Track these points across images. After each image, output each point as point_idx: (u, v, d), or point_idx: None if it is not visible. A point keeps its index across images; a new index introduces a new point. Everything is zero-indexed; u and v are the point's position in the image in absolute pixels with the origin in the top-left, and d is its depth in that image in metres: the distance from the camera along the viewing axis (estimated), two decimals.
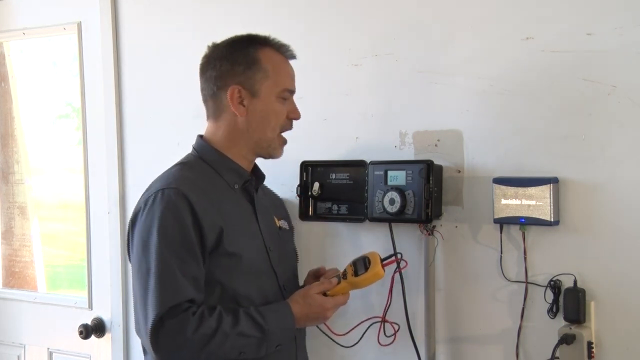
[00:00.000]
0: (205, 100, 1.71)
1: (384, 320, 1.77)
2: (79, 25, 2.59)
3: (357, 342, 1.94)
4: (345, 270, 1.70)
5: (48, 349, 2.72)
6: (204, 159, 1.66)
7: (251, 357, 1.54)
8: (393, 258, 1.72)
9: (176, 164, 1.67)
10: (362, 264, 1.68)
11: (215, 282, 1.55)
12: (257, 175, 1.76)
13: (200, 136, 1.72)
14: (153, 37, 2.47)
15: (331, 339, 1.94)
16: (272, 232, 1.72)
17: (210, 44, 1.71)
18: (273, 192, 1.99)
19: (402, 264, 1.76)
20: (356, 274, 1.65)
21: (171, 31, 2.42)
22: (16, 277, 2.93)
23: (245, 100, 1.62)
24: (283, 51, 1.70)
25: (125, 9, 2.51)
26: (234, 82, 1.62)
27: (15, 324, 2.80)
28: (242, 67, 1.62)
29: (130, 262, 1.62)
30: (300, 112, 1.77)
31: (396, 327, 1.87)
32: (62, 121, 2.93)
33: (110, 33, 2.51)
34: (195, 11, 2.37)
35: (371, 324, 1.85)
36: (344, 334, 1.92)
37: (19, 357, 2.80)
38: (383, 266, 1.67)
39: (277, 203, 1.96)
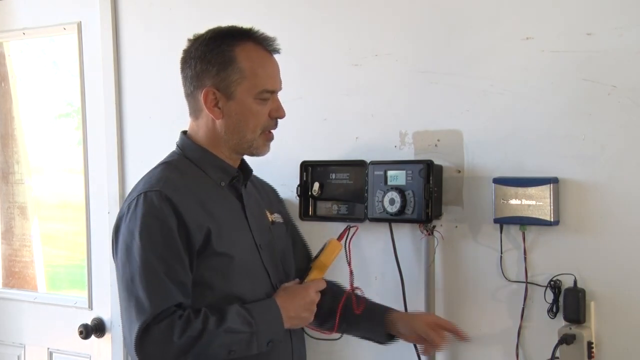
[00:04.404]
0: (185, 97, 1.64)
1: (352, 289, 1.70)
2: (79, 25, 2.59)
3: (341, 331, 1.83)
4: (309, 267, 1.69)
5: (48, 349, 2.72)
6: (188, 157, 1.60)
7: (242, 354, 1.48)
8: (345, 230, 1.71)
9: (160, 163, 1.61)
10: (320, 250, 1.70)
11: (206, 284, 1.50)
12: (245, 170, 1.68)
13: (184, 132, 1.65)
14: (153, 37, 2.48)
15: (324, 339, 1.88)
16: (263, 228, 1.65)
17: (191, 36, 1.63)
18: (267, 184, 1.87)
19: (353, 230, 1.73)
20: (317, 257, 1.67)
21: (171, 31, 2.42)
22: (16, 277, 2.93)
23: (221, 102, 1.54)
24: (266, 45, 1.59)
25: (125, 9, 2.50)
26: (208, 84, 1.54)
27: (15, 324, 2.80)
28: (216, 68, 1.54)
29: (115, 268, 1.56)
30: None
31: (363, 291, 1.77)
32: (62, 121, 2.93)
33: (110, 33, 2.51)
34: (194, 11, 2.37)
35: (345, 299, 1.77)
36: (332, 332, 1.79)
37: (19, 357, 2.80)
38: (339, 239, 1.68)
39: (271, 196, 1.83)
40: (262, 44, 1.58)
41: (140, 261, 1.44)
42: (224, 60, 1.54)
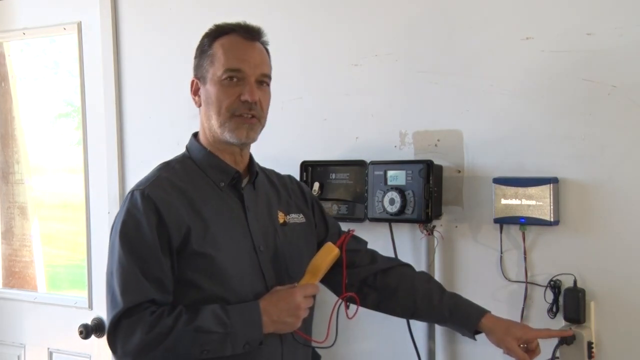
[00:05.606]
0: None
1: (345, 296, 1.62)
2: (79, 25, 2.59)
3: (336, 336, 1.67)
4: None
5: (48, 349, 2.72)
6: (192, 157, 1.63)
7: (216, 355, 1.46)
8: (342, 236, 1.68)
9: (160, 164, 1.64)
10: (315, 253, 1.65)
11: (188, 283, 1.51)
12: (251, 170, 1.66)
13: (195, 134, 1.67)
14: (153, 37, 2.48)
15: (322, 347, 1.72)
16: (267, 230, 1.61)
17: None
18: (292, 182, 1.80)
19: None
20: None
21: (171, 31, 2.42)
22: (16, 277, 2.93)
23: (200, 90, 1.61)
24: (244, 34, 1.60)
25: (125, 9, 2.51)
26: (193, 75, 1.63)
27: (15, 324, 2.80)
28: (196, 60, 1.62)
29: None
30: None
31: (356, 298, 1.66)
32: (62, 121, 2.93)
33: (110, 33, 2.51)
34: (194, 11, 2.37)
35: (339, 306, 1.65)
36: (324, 339, 1.65)
37: (19, 357, 2.80)
38: (337, 246, 1.63)
39: (292, 194, 1.76)
40: (241, 34, 1.60)
41: (118, 257, 1.49)
42: (201, 50, 1.62)
